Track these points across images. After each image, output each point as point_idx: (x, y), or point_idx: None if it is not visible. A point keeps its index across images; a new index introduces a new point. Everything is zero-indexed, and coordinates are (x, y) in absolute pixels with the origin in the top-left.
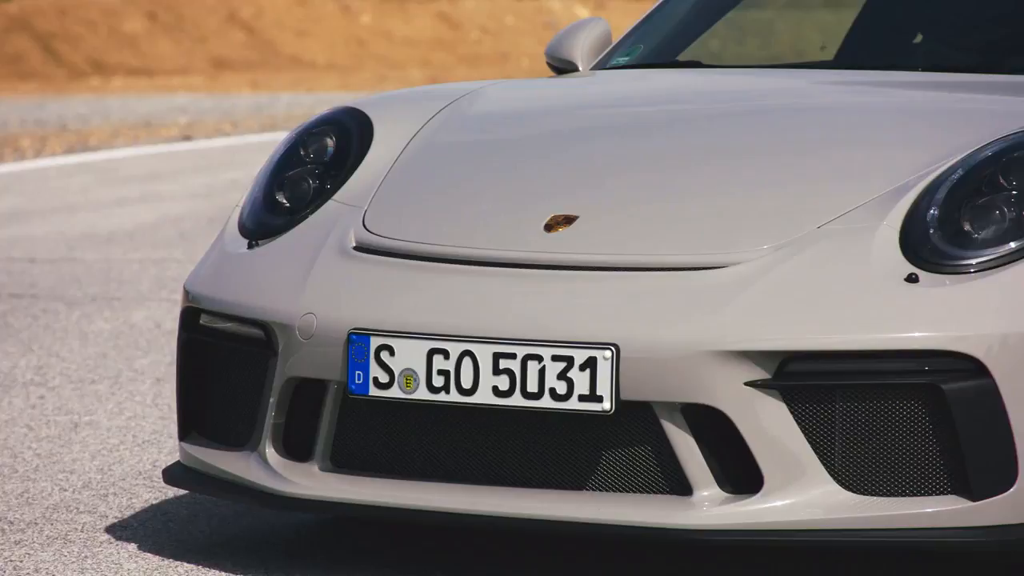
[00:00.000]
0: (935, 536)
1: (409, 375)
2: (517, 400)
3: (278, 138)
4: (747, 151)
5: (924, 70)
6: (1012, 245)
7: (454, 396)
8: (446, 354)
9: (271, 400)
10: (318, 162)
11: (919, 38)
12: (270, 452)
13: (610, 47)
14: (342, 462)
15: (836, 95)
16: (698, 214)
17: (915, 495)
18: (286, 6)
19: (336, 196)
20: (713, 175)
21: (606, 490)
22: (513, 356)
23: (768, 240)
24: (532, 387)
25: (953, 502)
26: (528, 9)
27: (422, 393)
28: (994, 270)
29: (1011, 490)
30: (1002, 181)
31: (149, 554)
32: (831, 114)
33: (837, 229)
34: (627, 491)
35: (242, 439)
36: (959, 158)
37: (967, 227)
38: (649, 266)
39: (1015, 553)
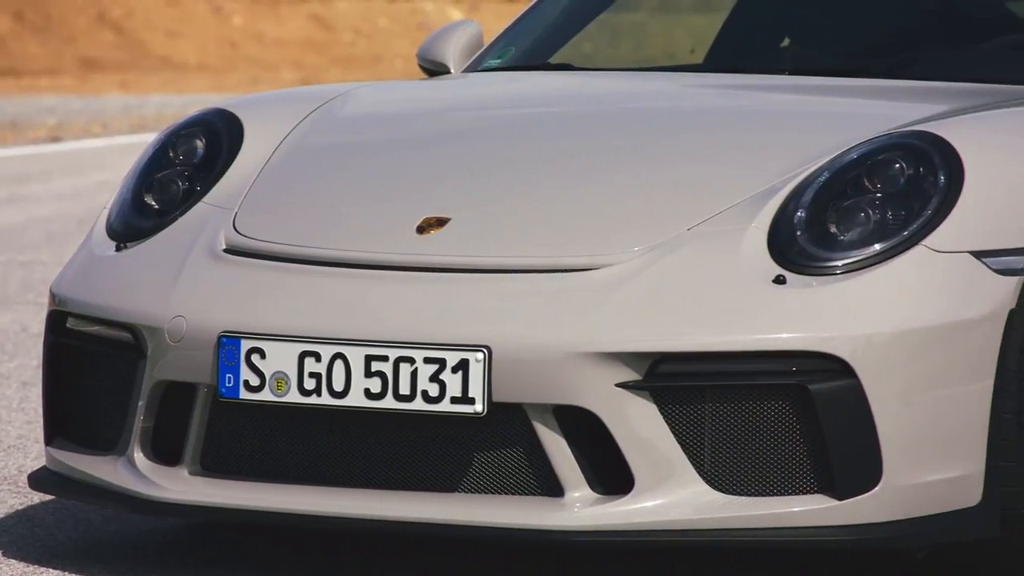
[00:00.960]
0: (802, 535)
1: (280, 378)
2: (389, 403)
3: (148, 140)
4: (618, 153)
5: (791, 74)
6: (877, 247)
7: (326, 399)
8: (318, 357)
9: (140, 404)
10: (187, 164)
11: (786, 42)
12: (139, 456)
13: (482, 49)
14: (212, 466)
15: (705, 98)
16: (570, 216)
17: (782, 495)
18: (156, 7)
19: (206, 198)
20: (585, 177)
21: (478, 492)
22: (385, 359)
23: (639, 242)
24: (404, 389)
25: (819, 501)
26: (401, 11)
27: (293, 396)
28: (860, 271)
29: (876, 489)
30: (867, 184)
31: (15, 560)
32: (701, 117)
33: (707, 231)
34: (499, 493)
35: (110, 443)
36: (825, 161)
37: (833, 229)
38: (521, 268)
39: (882, 551)
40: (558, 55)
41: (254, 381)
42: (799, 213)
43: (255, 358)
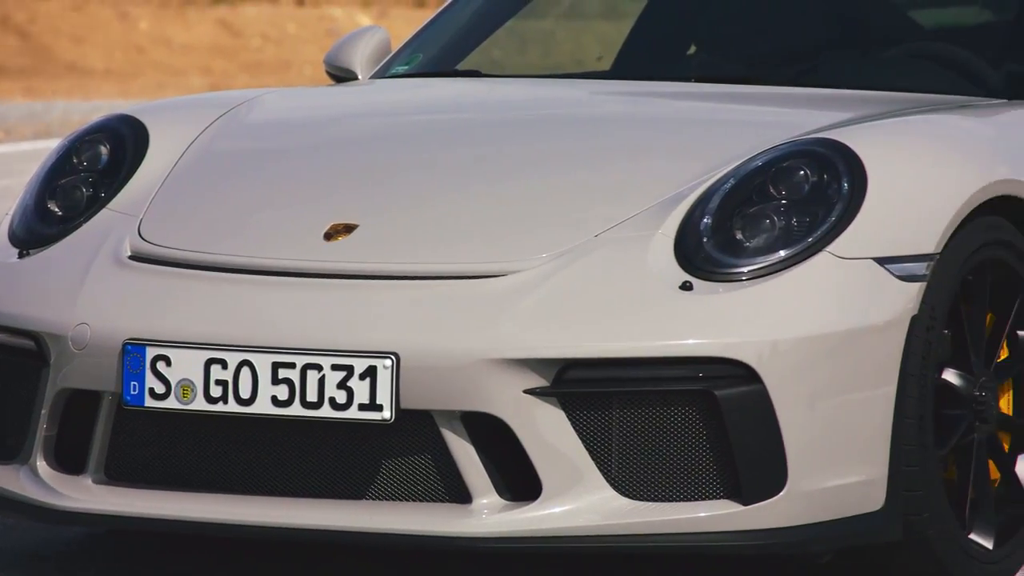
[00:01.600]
0: (708, 540)
1: (186, 385)
2: (296, 410)
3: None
4: (526, 160)
5: (697, 81)
6: (782, 253)
7: (232, 406)
8: (224, 364)
9: (43, 412)
10: (92, 170)
11: (692, 50)
12: (41, 465)
13: (389, 56)
14: (116, 474)
15: (612, 105)
16: (477, 223)
17: (689, 500)
18: (61, 12)
19: (110, 205)
20: (492, 184)
21: (386, 499)
22: (292, 366)
23: (547, 248)
24: (312, 396)
25: (725, 506)
26: (310, 17)
27: (199, 404)
28: (765, 278)
29: (780, 494)
30: (772, 190)
31: None
32: (608, 124)
33: (614, 237)
34: (407, 500)
35: (12, 452)
36: (731, 168)
37: (739, 236)
38: (429, 274)
39: (786, 555)
40: (466, 61)
41: (159, 389)
42: (705, 220)
43: (160, 365)
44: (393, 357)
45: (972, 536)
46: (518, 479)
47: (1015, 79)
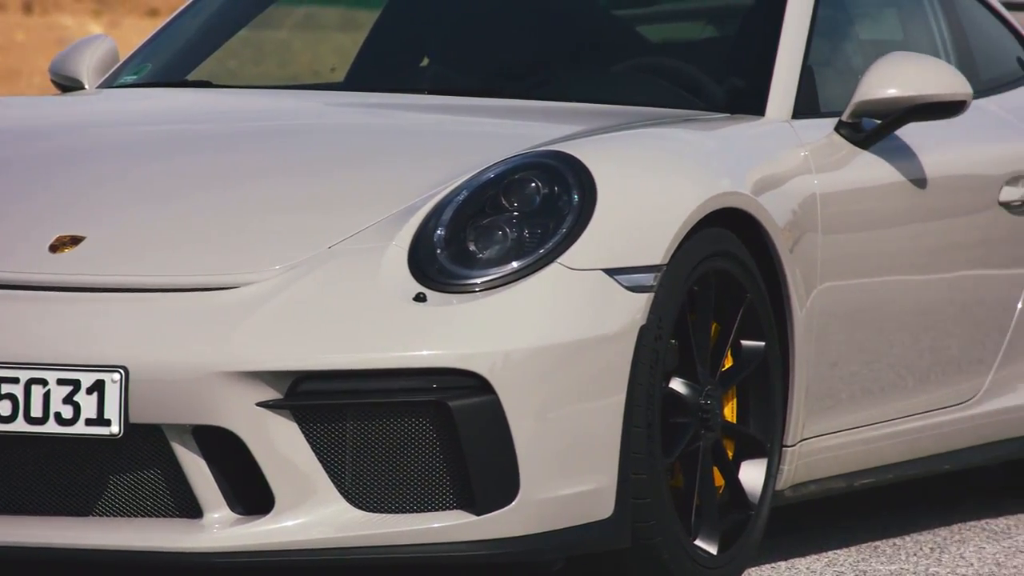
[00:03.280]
0: (442, 551)
1: None
2: (20, 425)
3: None
4: (258, 171)
5: (430, 93)
6: (515, 264)
7: None
8: None
9: None
10: None
11: (425, 62)
12: None
13: (117, 65)
14: None
15: (346, 116)
16: (208, 235)
17: (423, 511)
18: None
19: None
20: (223, 195)
21: (115, 515)
22: (16, 380)
23: (279, 260)
24: (36, 412)
25: (458, 517)
26: (39, 25)
27: None
28: (498, 289)
29: (513, 503)
30: (504, 202)
31: None
32: (341, 135)
33: (348, 249)
34: (137, 515)
35: None
36: (464, 179)
37: (472, 247)
38: (158, 287)
39: (519, 564)
40: (198, 71)
41: None
42: (439, 231)
43: None
44: (122, 371)
45: (697, 542)
46: (251, 493)
47: (737, 94)
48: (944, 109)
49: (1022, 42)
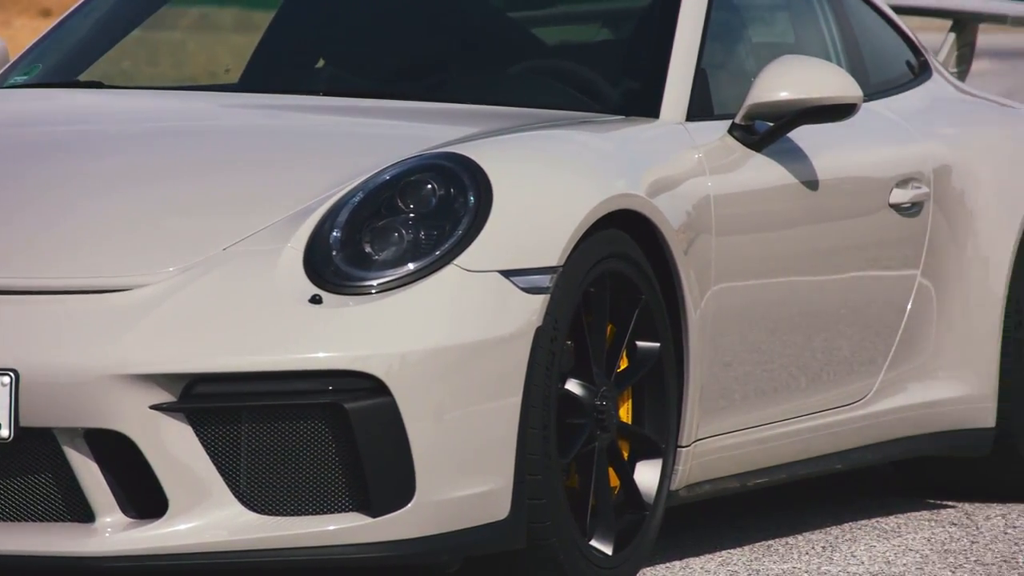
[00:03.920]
0: (338, 553)
1: None
2: None
3: None
4: (151, 173)
5: (326, 95)
6: (411, 266)
7: None
8: None
9: None
10: None
11: (321, 63)
12: None
13: (7, 65)
14: None
15: (240, 117)
16: (100, 237)
17: (319, 513)
18: None
19: None
20: (116, 197)
21: (6, 520)
22: None
23: (173, 262)
24: None
25: (354, 519)
26: None
27: None
28: (394, 291)
29: (409, 505)
30: (400, 204)
31: None
32: (235, 136)
33: (243, 251)
34: (27, 520)
35: None
36: (359, 181)
37: (368, 249)
38: (49, 289)
39: (416, 566)
40: (91, 72)
41: None
42: (335, 233)
43: None
44: (12, 374)
45: (593, 542)
46: (145, 496)
47: (631, 96)
48: (835, 112)
49: (911, 45)
